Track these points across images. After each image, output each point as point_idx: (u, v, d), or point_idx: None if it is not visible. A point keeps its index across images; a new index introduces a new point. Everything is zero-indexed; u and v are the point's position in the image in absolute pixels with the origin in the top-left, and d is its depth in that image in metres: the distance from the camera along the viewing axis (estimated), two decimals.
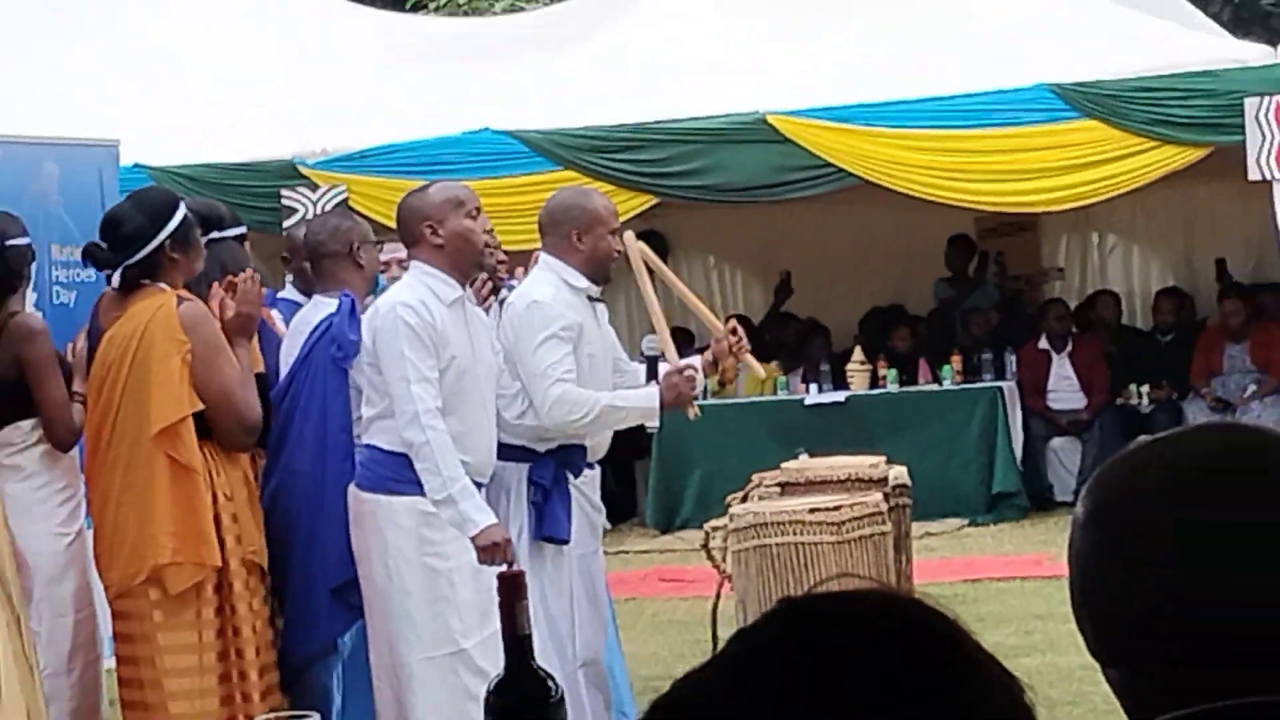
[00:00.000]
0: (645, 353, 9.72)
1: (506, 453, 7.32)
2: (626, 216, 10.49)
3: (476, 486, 6.97)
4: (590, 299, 7.55)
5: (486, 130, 14.40)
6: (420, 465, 6.85)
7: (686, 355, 10.41)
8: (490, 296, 7.61)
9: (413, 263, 7.21)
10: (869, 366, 16.58)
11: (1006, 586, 11.37)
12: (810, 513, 7.58)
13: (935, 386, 16.25)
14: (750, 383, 15.22)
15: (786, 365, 16.58)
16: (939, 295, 18.08)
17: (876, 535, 7.52)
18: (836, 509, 7.55)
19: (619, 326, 8.41)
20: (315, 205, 8.18)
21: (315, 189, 8.56)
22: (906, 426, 14.86)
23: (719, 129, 14.44)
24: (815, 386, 15.90)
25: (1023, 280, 18.45)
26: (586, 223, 7.54)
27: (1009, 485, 15.61)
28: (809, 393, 15.62)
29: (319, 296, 7.58)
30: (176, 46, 16.04)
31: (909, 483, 8.45)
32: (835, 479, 8.13)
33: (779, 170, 14.51)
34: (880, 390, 16.21)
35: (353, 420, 7.35)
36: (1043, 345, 16.88)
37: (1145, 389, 16.56)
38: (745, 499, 8.05)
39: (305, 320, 7.46)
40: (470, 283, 7.26)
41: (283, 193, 8.51)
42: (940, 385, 16.25)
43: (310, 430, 7.33)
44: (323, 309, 7.45)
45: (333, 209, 8.11)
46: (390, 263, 7.91)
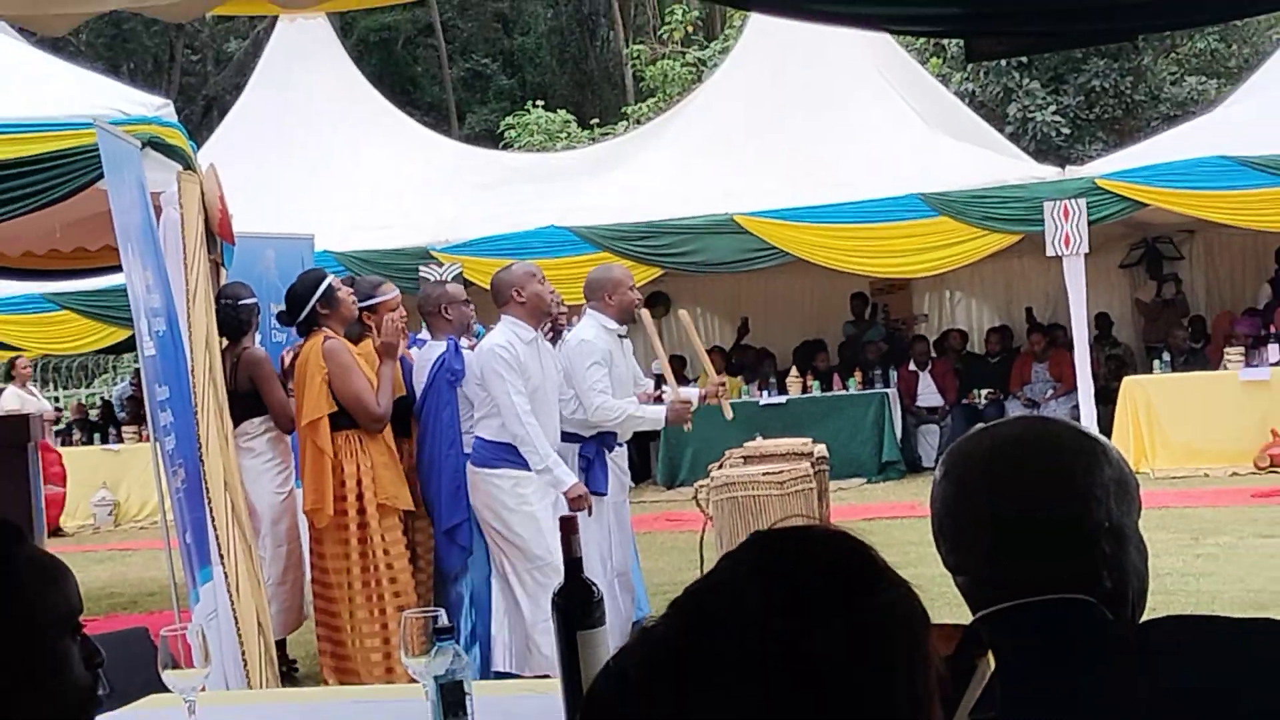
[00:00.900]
0: (654, 371, 9.89)
1: (566, 436, 7.37)
2: (642, 283, 10.43)
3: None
4: (619, 336, 7.63)
5: (552, 226, 14.41)
6: (524, 448, 6.87)
7: (680, 375, 10.43)
8: (555, 337, 7.65)
9: (503, 315, 7.27)
10: (801, 379, 16.58)
11: (891, 523, 11.26)
12: (763, 475, 7.63)
13: (844, 392, 16.18)
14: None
15: (747, 379, 16.57)
16: (846, 332, 18.06)
17: (806, 489, 7.57)
18: (780, 473, 7.60)
19: (637, 354, 8.43)
20: (442, 275, 8.12)
21: (441, 265, 8.47)
22: (825, 418, 14.79)
23: (702, 225, 14.46)
24: (766, 392, 15.93)
25: (900, 322, 18.40)
26: (613, 287, 7.60)
27: (892, 456, 15.65)
28: (762, 396, 15.62)
29: (430, 340, 7.61)
30: (352, 169, 16.06)
31: (827, 455, 8.56)
32: (779, 453, 8.20)
33: (741, 251, 14.52)
34: (808, 395, 16.15)
35: (459, 420, 7.36)
36: (912, 367, 16.81)
37: (981, 393, 16.48)
38: (721, 466, 8.10)
39: (424, 357, 7.49)
40: (541, 328, 7.30)
41: (420, 269, 8.44)
42: (847, 391, 16.18)
43: (435, 426, 7.35)
44: (434, 350, 7.48)
45: (450, 280, 8.04)
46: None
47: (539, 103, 29.03)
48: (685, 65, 27.85)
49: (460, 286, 7.91)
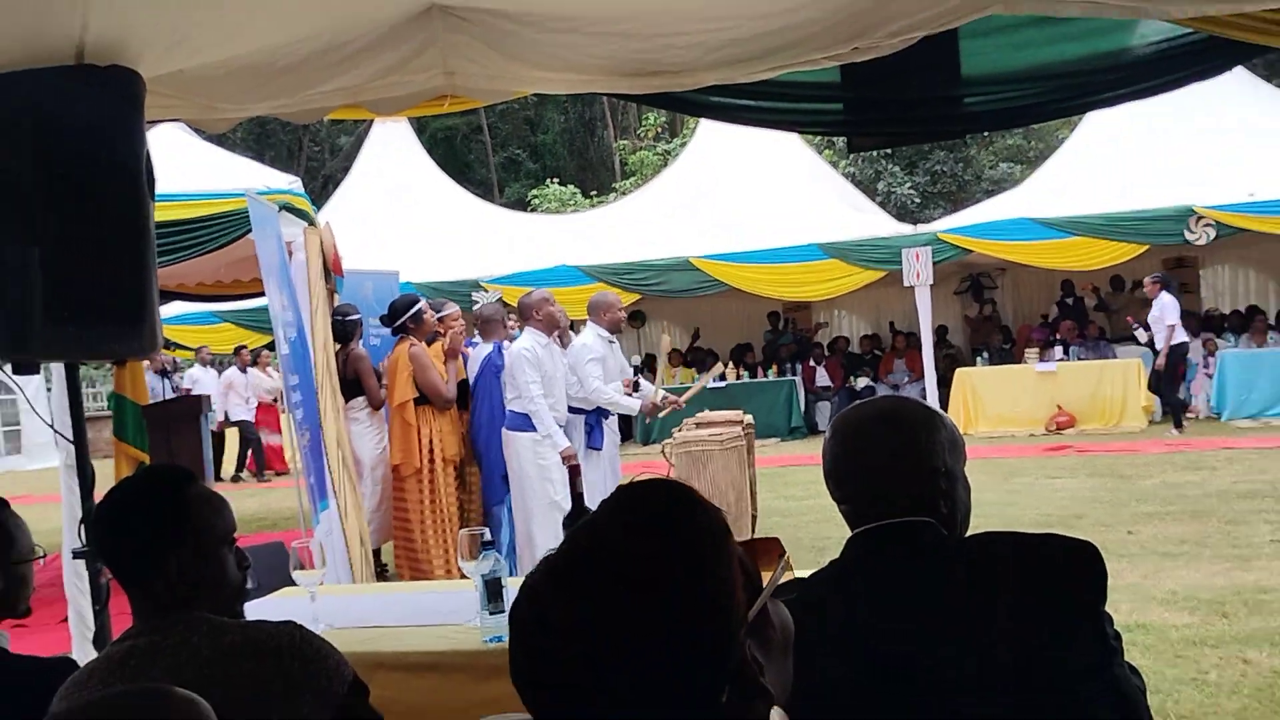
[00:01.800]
0: (632, 364, 9.78)
1: (574, 410, 7.33)
2: (628, 304, 10.47)
3: (559, 427, 6.93)
4: (610, 342, 7.58)
5: (563, 265, 14.38)
6: (535, 420, 6.83)
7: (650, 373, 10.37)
8: (563, 342, 7.60)
9: (526, 327, 7.23)
10: (737, 370, 16.47)
11: (797, 469, 11.26)
12: (709, 436, 7.61)
13: (765, 379, 16.10)
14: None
15: (699, 370, 16.39)
16: (766, 338, 17.94)
17: (739, 446, 7.54)
18: (720, 435, 7.57)
19: (625, 353, 8.39)
20: (488, 300, 8.12)
21: (487, 292, 8.46)
22: (752, 397, 14.71)
23: (667, 265, 14.53)
24: (715, 381, 15.81)
25: (804, 331, 18.23)
26: (607, 307, 7.54)
27: (797, 423, 15.64)
28: (710, 383, 15.56)
29: (481, 343, 7.61)
30: (425, 225, 15.98)
31: (753, 423, 8.52)
32: (720, 421, 8.16)
33: (694, 283, 14.68)
34: (740, 381, 16.06)
35: (503, 398, 7.33)
36: (812, 362, 16.77)
37: (859, 379, 16.49)
38: (681, 430, 8.07)
39: (478, 355, 7.48)
40: (553, 336, 7.26)
41: (473, 294, 8.45)
42: (768, 378, 16.11)
43: (484, 403, 7.33)
44: (484, 349, 7.48)
45: (495, 301, 8.04)
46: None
47: (554, 180, 29.04)
48: (656, 154, 27.81)
49: (500, 306, 7.90)
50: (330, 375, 6.75)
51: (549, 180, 29.17)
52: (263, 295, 6.48)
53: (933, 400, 12.36)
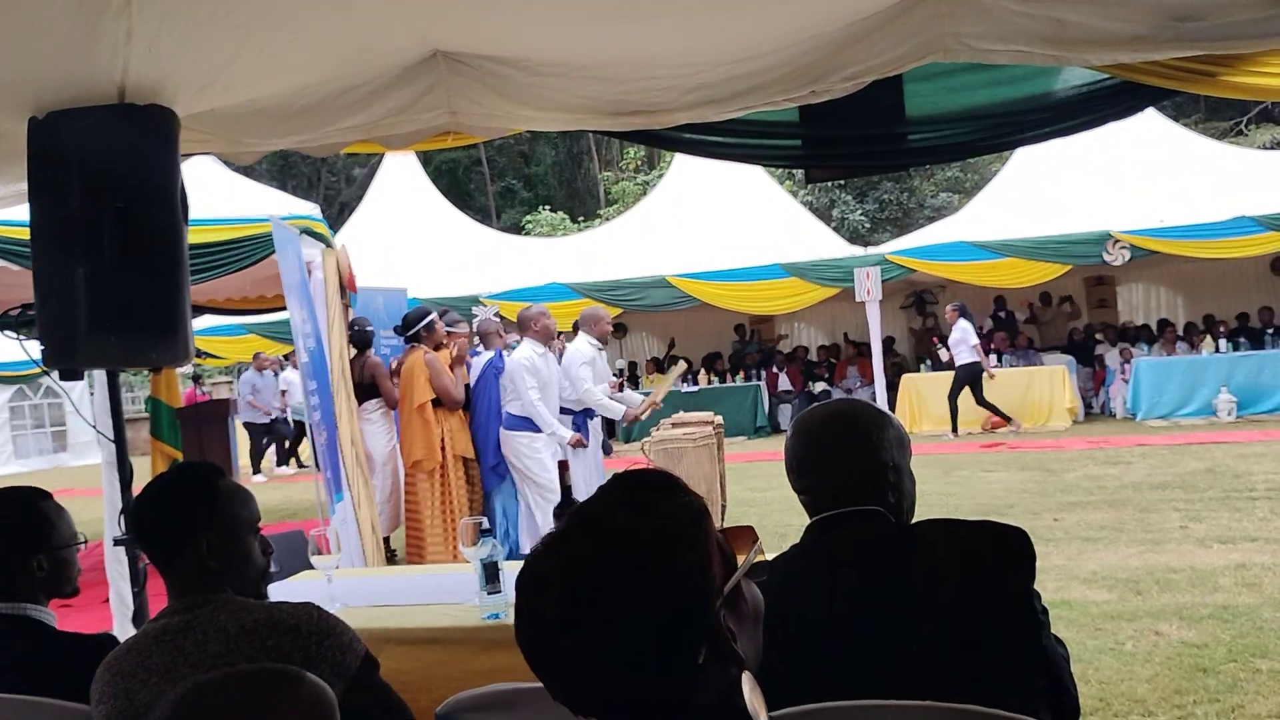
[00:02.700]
0: (616, 369, 9.73)
1: (565, 410, 7.32)
2: (613, 316, 10.43)
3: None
4: (599, 350, 7.56)
5: (554, 283, 14.35)
6: (538, 421, 6.81)
7: (631, 379, 10.30)
8: (559, 350, 7.58)
9: (524, 338, 7.21)
10: (708, 376, 16.48)
11: (761, 464, 11.27)
12: (683, 435, 7.57)
13: (733, 384, 16.09)
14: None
15: (679, 377, 16.42)
16: (734, 348, 17.95)
17: (710, 444, 7.51)
18: (694, 434, 7.54)
19: (610, 360, 8.36)
20: (487, 313, 8.07)
21: (486, 306, 8.43)
22: (721, 400, 14.71)
23: (646, 282, 14.52)
24: (686, 384, 15.76)
25: (767, 341, 18.27)
26: (597, 320, 7.52)
27: (762, 422, 15.58)
28: (684, 387, 15.48)
29: (483, 351, 7.62)
30: (431, 247, 15.93)
31: (722, 423, 8.49)
32: (693, 421, 8.11)
33: (670, 298, 14.66)
34: (711, 386, 16.07)
35: (501, 400, 7.31)
36: (775, 369, 16.75)
37: (817, 385, 16.48)
38: (658, 429, 8.05)
39: (479, 362, 7.47)
40: (548, 346, 7.24)
41: (474, 309, 8.41)
42: (735, 383, 16.10)
43: (485, 404, 7.31)
44: (484, 356, 7.47)
45: (493, 315, 8.01)
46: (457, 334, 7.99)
47: (546, 207, 29.04)
48: (636, 184, 27.85)
49: (496, 320, 7.88)
50: (345, 381, 6.74)
51: (541, 207, 29.17)
52: (285, 309, 6.45)
53: (882, 402, 12.39)
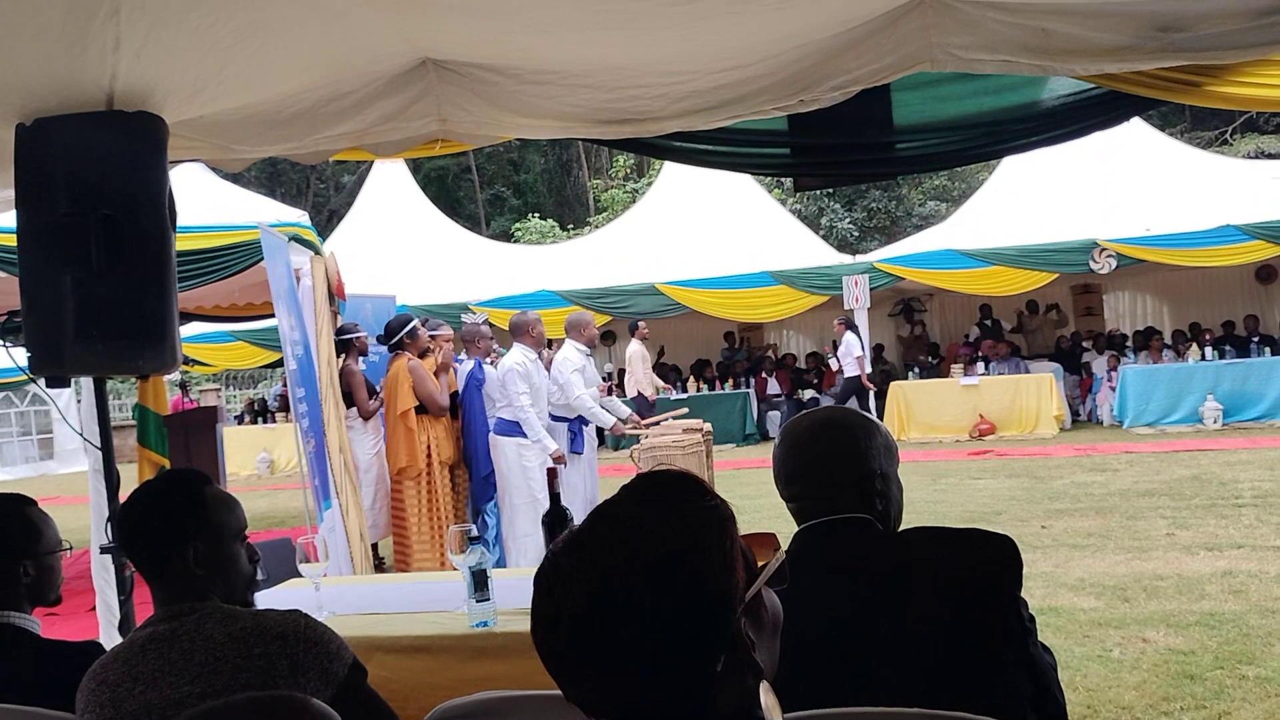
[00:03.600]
0: (604, 373, 9.70)
1: (555, 417, 7.31)
2: (600, 324, 10.42)
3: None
4: (587, 355, 7.56)
5: (543, 290, 14.34)
6: (525, 427, 6.80)
7: (619, 388, 10.26)
8: (547, 360, 7.58)
9: (516, 344, 7.21)
10: (696, 383, 16.49)
11: (750, 471, 11.27)
12: (672, 442, 7.56)
13: (722, 391, 16.03)
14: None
15: (668, 384, 16.40)
16: (723, 355, 17.96)
17: (699, 451, 7.50)
18: (683, 441, 7.55)
19: (597, 365, 8.34)
20: (476, 320, 8.06)
21: (475, 314, 8.39)
22: (711, 407, 14.65)
23: (635, 289, 14.51)
24: (675, 392, 15.73)
25: (756, 349, 18.31)
26: (583, 326, 7.51)
27: (751, 429, 15.54)
28: (673, 394, 15.43)
29: (465, 359, 7.67)
30: (419, 254, 15.88)
31: (711, 430, 8.48)
32: (684, 428, 8.15)
33: (659, 306, 14.60)
34: (700, 393, 16.03)
35: (485, 411, 7.30)
36: (764, 375, 16.75)
37: (805, 391, 16.48)
38: (648, 436, 8.05)
39: (463, 370, 7.47)
40: (539, 351, 7.25)
41: (462, 315, 8.38)
42: (724, 390, 16.06)
43: (471, 412, 7.30)
44: (468, 364, 7.47)
45: (480, 323, 7.99)
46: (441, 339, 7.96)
47: (535, 214, 29.00)
48: (625, 192, 27.84)
49: (476, 325, 7.86)
50: (333, 388, 6.72)
51: (530, 215, 29.15)
52: (273, 317, 6.43)
53: (869, 410, 12.43)
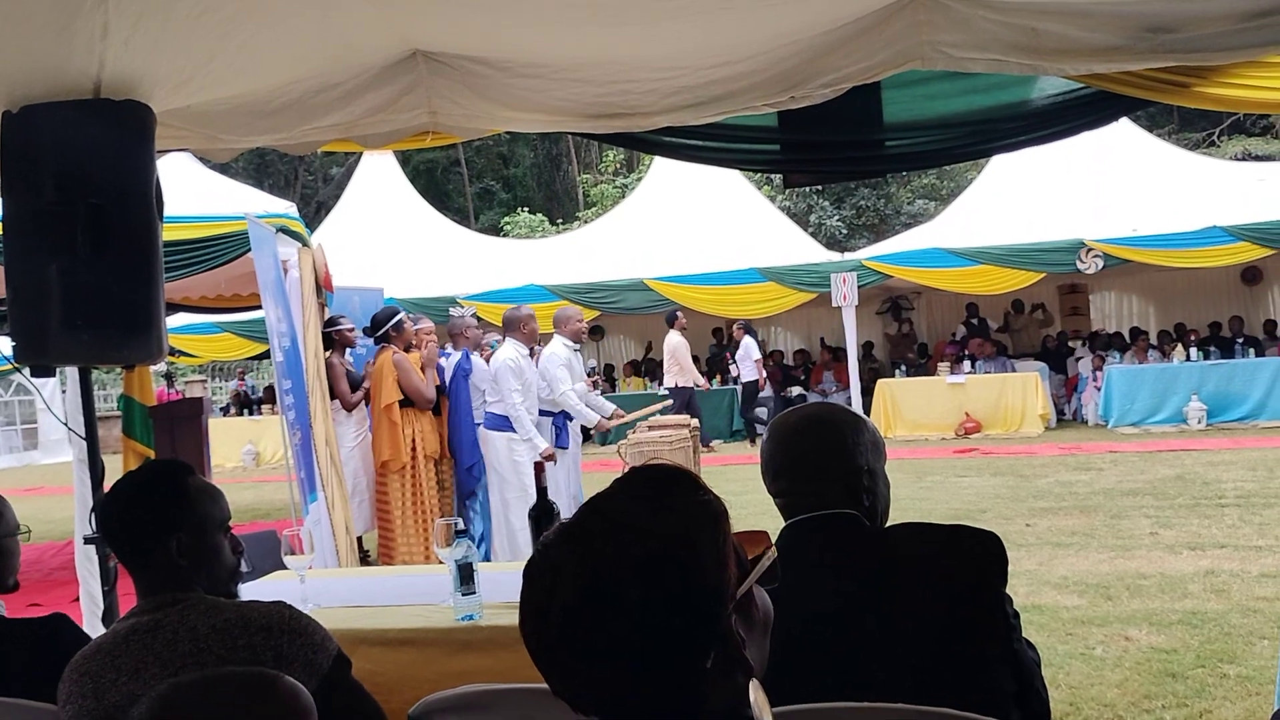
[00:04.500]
0: (589, 371, 9.71)
1: (543, 411, 7.30)
2: (588, 319, 10.36)
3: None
4: (574, 350, 7.55)
5: (532, 284, 14.30)
6: (516, 425, 6.80)
7: (609, 381, 10.26)
8: (534, 352, 7.56)
9: (509, 338, 7.20)
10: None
11: (738, 467, 11.29)
12: (659, 438, 7.56)
13: (710, 388, 16.06)
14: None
15: (650, 379, 16.41)
16: (711, 351, 17.92)
17: (686, 446, 7.52)
18: (670, 436, 7.56)
19: (585, 361, 8.33)
20: (464, 314, 8.06)
21: (463, 307, 8.39)
22: (700, 404, 14.68)
23: (623, 285, 14.52)
24: (663, 388, 15.70)
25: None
26: (570, 320, 7.52)
27: (738, 425, 15.50)
28: (661, 389, 15.43)
29: (451, 351, 7.66)
30: (408, 247, 15.74)
31: (700, 425, 8.50)
32: (670, 424, 8.15)
33: (647, 301, 14.60)
34: (692, 388, 16.06)
35: (471, 401, 7.29)
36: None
37: (793, 388, 16.50)
38: (635, 432, 8.05)
39: (450, 363, 7.46)
40: (531, 347, 7.24)
41: (450, 309, 8.38)
42: (712, 387, 16.07)
43: (458, 405, 7.28)
44: (454, 357, 7.46)
45: (469, 317, 8.00)
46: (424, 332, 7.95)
47: (524, 209, 28.97)
48: (615, 187, 27.80)
49: (462, 319, 7.83)
50: (320, 381, 6.68)
51: (519, 209, 29.10)
52: (260, 308, 6.41)
53: (857, 407, 12.45)
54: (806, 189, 22.16)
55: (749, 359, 14.54)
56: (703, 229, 15.49)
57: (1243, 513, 7.61)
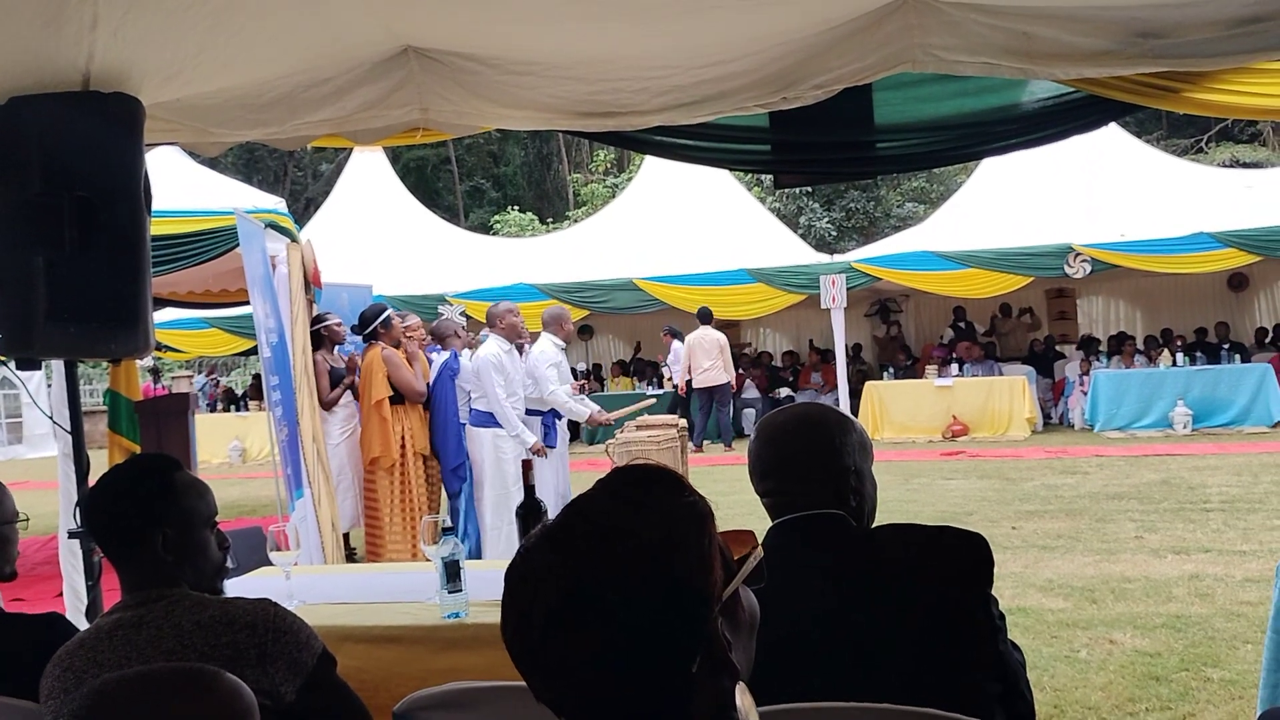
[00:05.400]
0: (580, 372, 9.69)
1: (531, 410, 7.29)
2: (577, 319, 10.40)
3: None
4: (562, 349, 7.54)
5: (521, 283, 14.29)
6: (501, 420, 6.80)
7: (597, 379, 10.26)
8: (521, 350, 7.55)
9: (491, 334, 7.20)
10: (672, 380, 16.45)
11: (725, 467, 11.29)
12: (647, 437, 7.58)
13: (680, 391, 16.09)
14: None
15: (639, 379, 16.40)
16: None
17: (674, 447, 7.53)
18: (658, 436, 7.57)
19: (572, 361, 8.32)
20: (453, 313, 8.06)
21: (451, 305, 8.38)
22: (686, 403, 14.69)
23: (613, 284, 14.52)
24: (651, 388, 15.72)
25: (733, 347, 18.26)
26: (560, 320, 7.53)
27: (727, 427, 15.47)
28: (649, 390, 15.42)
29: (439, 350, 7.62)
30: (397, 245, 15.70)
31: (687, 426, 8.51)
32: (658, 424, 8.15)
33: (636, 301, 14.66)
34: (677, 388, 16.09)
35: (457, 399, 7.29)
36: (741, 372, 16.75)
37: (781, 389, 16.50)
38: (623, 432, 8.05)
39: (437, 362, 7.44)
40: (514, 342, 7.23)
41: (439, 307, 8.36)
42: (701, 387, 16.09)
43: (444, 404, 7.27)
44: (442, 356, 7.44)
45: (457, 315, 7.99)
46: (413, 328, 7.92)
47: (514, 207, 28.92)
48: (605, 187, 27.81)
49: (450, 321, 7.82)
50: (308, 377, 6.67)
51: (509, 207, 29.06)
52: (248, 304, 6.39)
53: (845, 409, 12.43)
54: (796, 190, 22.20)
55: (679, 363, 14.71)
56: (692, 230, 15.48)
57: (1227, 517, 7.64)
